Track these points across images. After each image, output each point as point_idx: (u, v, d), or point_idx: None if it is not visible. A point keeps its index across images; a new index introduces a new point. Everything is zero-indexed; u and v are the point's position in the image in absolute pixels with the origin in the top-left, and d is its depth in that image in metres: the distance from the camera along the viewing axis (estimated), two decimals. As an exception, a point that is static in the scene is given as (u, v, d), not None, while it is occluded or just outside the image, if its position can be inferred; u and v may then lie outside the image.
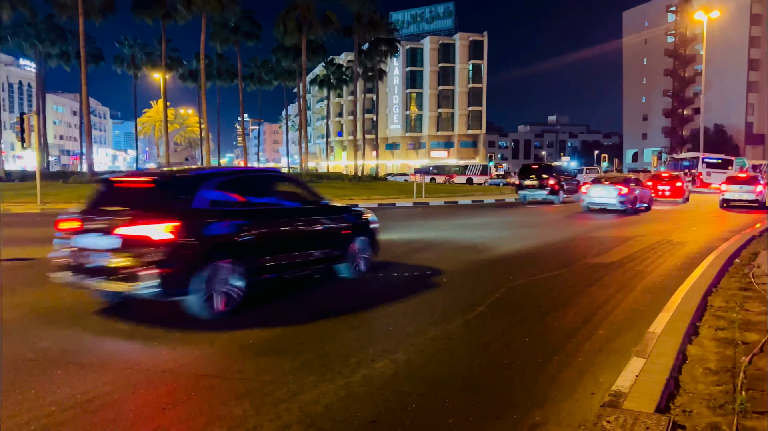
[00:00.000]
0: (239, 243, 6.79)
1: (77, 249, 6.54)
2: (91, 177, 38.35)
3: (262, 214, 7.43)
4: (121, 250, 6.15)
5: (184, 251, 6.21)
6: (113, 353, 5.41)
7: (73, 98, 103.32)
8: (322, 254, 8.18)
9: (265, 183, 8.15)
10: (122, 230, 6.15)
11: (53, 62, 53.08)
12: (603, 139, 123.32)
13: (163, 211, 6.28)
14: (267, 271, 7.21)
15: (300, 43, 48.83)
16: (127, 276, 6.10)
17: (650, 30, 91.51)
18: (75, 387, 4.47)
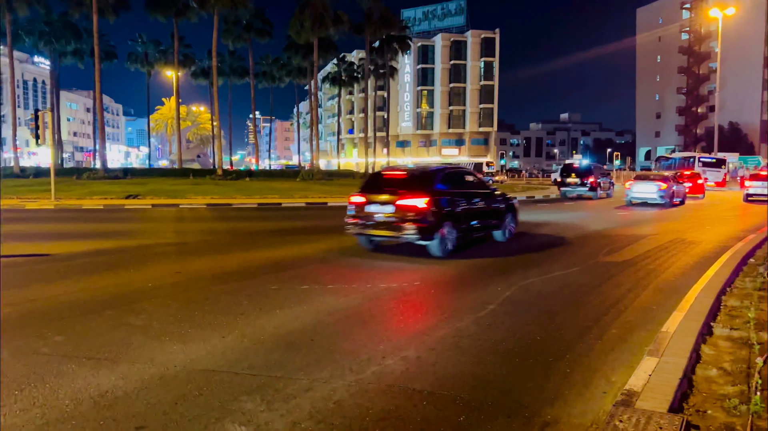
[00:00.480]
0: (456, 213, 11.01)
1: (365, 213, 10.95)
2: (104, 173, 38.71)
3: (465, 195, 11.70)
4: (394, 213, 10.52)
5: (431, 215, 10.37)
6: (125, 347, 5.44)
7: (87, 95, 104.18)
8: (491, 223, 12.50)
9: (461, 176, 12.23)
10: (399, 201, 10.49)
11: (67, 60, 53.59)
12: (616, 137, 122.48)
13: (420, 192, 10.54)
14: (466, 231, 11.49)
15: (312, 40, 48.88)
16: (397, 228, 10.52)
17: (664, 27, 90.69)
18: (88, 381, 4.51)
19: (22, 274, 8.94)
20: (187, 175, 42.40)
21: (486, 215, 12.26)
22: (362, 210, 11.00)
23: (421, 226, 10.27)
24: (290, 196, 27.32)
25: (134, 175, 43.11)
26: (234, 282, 8.68)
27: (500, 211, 12.75)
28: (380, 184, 11.41)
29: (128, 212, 21.12)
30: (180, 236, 14.66)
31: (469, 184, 12.30)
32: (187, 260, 10.64)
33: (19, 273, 9.01)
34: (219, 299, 7.55)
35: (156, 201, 24.23)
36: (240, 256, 11.01)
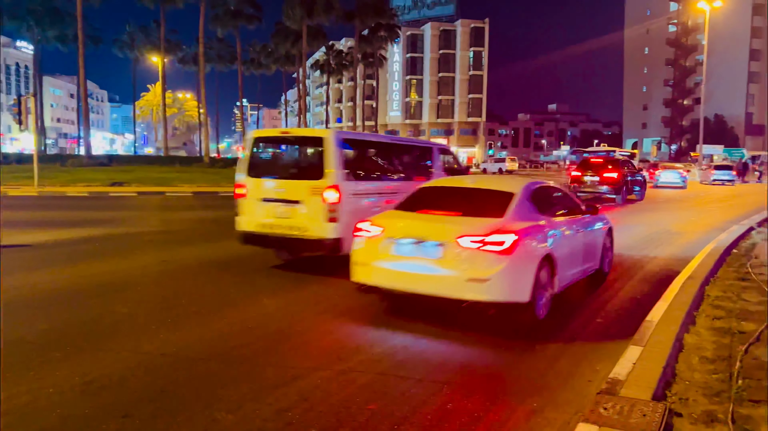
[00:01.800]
0: (628, 181, 22.45)
1: (582, 181, 22.29)
2: (88, 160, 38.25)
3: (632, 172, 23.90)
4: (601, 182, 21.72)
5: (620, 183, 21.62)
6: (112, 336, 5.41)
7: (71, 81, 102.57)
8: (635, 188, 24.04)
9: (631, 162, 26.47)
10: (605, 174, 21.72)
11: (50, 44, 52.66)
12: (603, 128, 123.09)
13: (617, 169, 21.82)
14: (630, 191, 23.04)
15: (301, 27, 48.51)
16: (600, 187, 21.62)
17: (652, 19, 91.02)
18: (74, 369, 4.48)
19: (6, 262, 8.84)
20: (174, 163, 42.04)
21: (635, 182, 23.30)
22: (580, 179, 22.23)
23: (614, 187, 21.39)
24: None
25: (119, 162, 42.67)
26: (221, 270, 8.65)
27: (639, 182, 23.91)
28: (589, 165, 22.77)
29: (114, 200, 20.92)
30: (166, 224, 14.56)
31: (633, 168, 24.04)
32: (173, 248, 10.58)
33: (3, 261, 8.91)
34: (206, 287, 7.53)
35: (142, 188, 24.01)
36: (227, 245, 10.93)
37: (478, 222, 5.77)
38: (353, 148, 9.28)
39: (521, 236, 5.58)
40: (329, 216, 7.94)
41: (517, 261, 5.52)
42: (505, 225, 5.68)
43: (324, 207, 7.94)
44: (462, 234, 5.54)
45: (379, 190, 9.05)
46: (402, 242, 5.85)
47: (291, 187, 8.31)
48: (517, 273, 5.56)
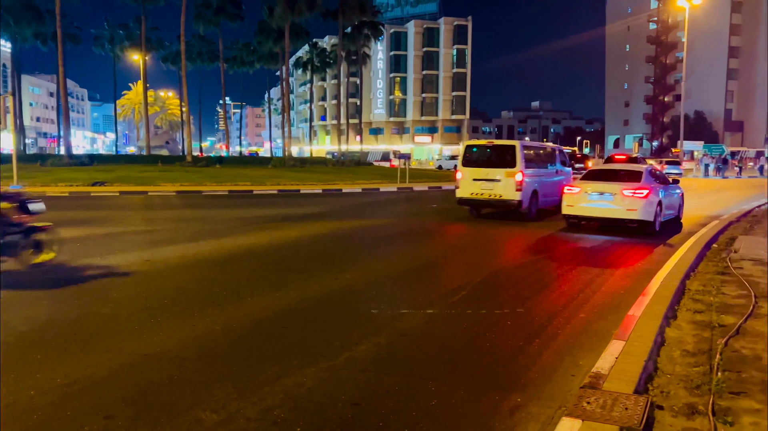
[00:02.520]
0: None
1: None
2: (69, 160, 37.73)
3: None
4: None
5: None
6: (94, 336, 5.35)
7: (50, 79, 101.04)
8: None
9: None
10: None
11: (29, 42, 51.76)
12: (585, 125, 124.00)
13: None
14: None
15: (284, 25, 48.22)
16: None
17: (633, 17, 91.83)
18: (55, 371, 4.43)
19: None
20: (156, 162, 41.59)
21: None
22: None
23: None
24: (262, 182, 27.05)
25: (101, 161, 42.13)
26: (205, 269, 8.60)
27: None
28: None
29: (95, 199, 20.67)
30: (149, 224, 14.43)
31: None
32: (156, 248, 10.48)
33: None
34: (189, 287, 7.48)
35: (124, 188, 23.75)
36: (211, 244, 10.88)
37: (629, 184, 12.37)
38: (526, 150, 15.25)
39: (649, 191, 12.18)
40: (516, 188, 14.45)
41: (648, 202, 12.07)
42: (642, 185, 12.29)
43: (514, 183, 14.46)
44: (623, 189, 12.24)
45: (537, 174, 15.38)
46: (592, 194, 12.66)
47: (493, 172, 14.84)
48: (649, 207, 12.11)
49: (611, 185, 12.51)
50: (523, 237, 12.24)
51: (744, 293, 6.75)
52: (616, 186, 12.37)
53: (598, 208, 12.52)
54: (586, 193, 12.69)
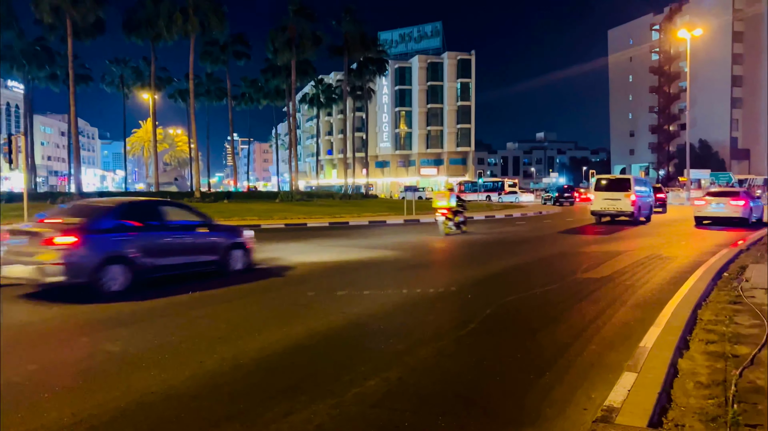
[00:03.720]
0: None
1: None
2: (78, 197, 38.12)
3: None
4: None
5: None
6: (100, 374, 5.33)
7: (62, 119, 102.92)
8: None
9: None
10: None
11: (42, 83, 52.91)
12: (591, 155, 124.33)
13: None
14: None
15: (290, 63, 49.13)
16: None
17: (635, 48, 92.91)
18: (63, 411, 4.40)
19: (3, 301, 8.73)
20: (164, 198, 41.97)
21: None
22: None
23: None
24: (269, 217, 27.17)
25: (110, 198, 42.55)
26: (212, 305, 8.59)
27: None
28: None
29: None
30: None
31: None
32: (164, 285, 10.48)
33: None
34: (197, 323, 7.46)
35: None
36: (217, 280, 10.88)
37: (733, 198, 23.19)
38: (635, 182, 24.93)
39: (746, 201, 22.86)
40: (631, 203, 23.79)
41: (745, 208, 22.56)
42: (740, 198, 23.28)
43: (629, 201, 23.81)
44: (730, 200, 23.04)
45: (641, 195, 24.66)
46: (712, 204, 23.24)
47: (616, 194, 24.16)
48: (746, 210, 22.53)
49: (723, 198, 23.17)
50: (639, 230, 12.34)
51: (757, 323, 6.66)
52: (726, 199, 23.05)
53: (716, 212, 22.84)
54: (709, 203, 23.20)
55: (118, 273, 9.01)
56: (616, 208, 24.17)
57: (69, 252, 8.49)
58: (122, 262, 9.10)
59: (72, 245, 8.58)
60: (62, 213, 10.12)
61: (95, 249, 8.86)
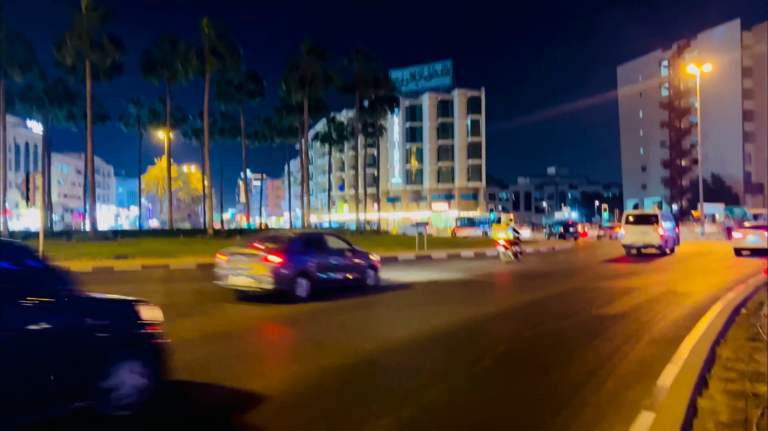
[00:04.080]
0: None
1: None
2: (93, 235, 38.55)
3: None
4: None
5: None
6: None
7: (78, 157, 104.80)
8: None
9: None
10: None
11: (60, 123, 54.08)
12: (603, 190, 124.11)
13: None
14: None
15: (302, 101, 49.95)
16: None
17: (644, 83, 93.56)
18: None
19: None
20: (178, 235, 42.26)
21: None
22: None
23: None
24: (281, 253, 27.19)
25: (124, 235, 42.94)
26: (223, 342, 8.56)
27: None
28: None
29: (117, 273, 20.90)
30: (169, 297, 14.48)
31: None
32: (176, 321, 10.46)
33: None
34: (208, 361, 7.42)
35: (146, 261, 24.02)
36: (229, 316, 10.87)
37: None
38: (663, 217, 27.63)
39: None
40: (659, 236, 26.29)
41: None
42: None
43: (658, 234, 26.30)
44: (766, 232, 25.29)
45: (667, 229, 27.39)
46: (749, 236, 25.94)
47: (645, 228, 26.60)
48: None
49: (758, 231, 25.83)
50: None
51: (777, 360, 6.51)
52: (761, 231, 25.43)
53: (754, 244, 25.06)
54: (747, 236, 25.83)
55: (303, 284, 12.24)
56: (645, 241, 26.57)
57: (277, 267, 11.85)
58: (306, 276, 12.37)
59: (279, 263, 11.95)
60: (264, 239, 13.72)
61: (292, 266, 12.16)
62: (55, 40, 40.19)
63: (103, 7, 40.10)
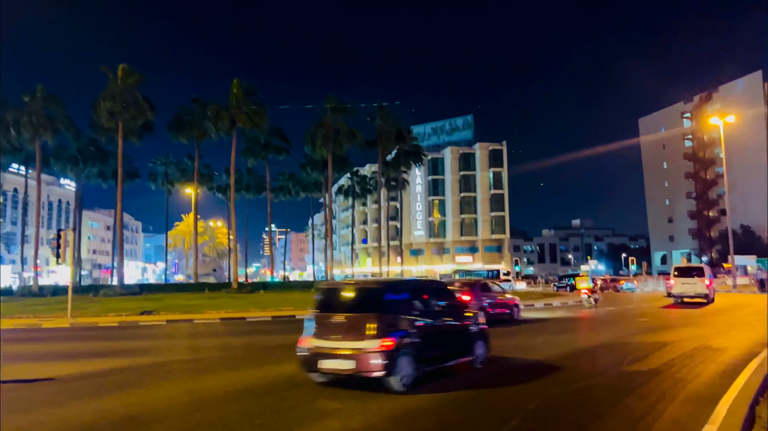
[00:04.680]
0: None
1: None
2: (120, 290, 39.03)
3: None
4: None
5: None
6: None
7: (108, 214, 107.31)
8: None
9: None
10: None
11: (92, 180, 55.78)
12: (629, 242, 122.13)
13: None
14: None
15: (326, 156, 50.88)
16: None
17: (667, 135, 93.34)
18: None
19: (31, 397, 8.79)
20: (203, 289, 42.56)
21: None
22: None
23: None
24: (304, 307, 27.06)
25: (150, 290, 43.37)
26: (247, 400, 8.48)
27: None
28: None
29: (143, 329, 21.02)
30: (193, 352, 14.49)
31: None
32: (199, 377, 10.45)
33: (28, 396, 8.87)
34: (232, 419, 7.35)
35: (171, 316, 24.16)
36: (253, 373, 10.81)
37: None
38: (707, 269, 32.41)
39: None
40: (706, 286, 29.11)
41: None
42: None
43: (704, 284, 29.14)
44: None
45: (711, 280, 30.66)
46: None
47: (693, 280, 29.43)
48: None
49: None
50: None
51: (822, 420, 6.21)
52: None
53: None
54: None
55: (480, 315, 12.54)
56: (694, 291, 29.25)
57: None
58: None
59: (470, 300, 17.14)
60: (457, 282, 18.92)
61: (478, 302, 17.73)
62: (91, 103, 41.91)
63: (137, 73, 41.90)
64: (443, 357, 9.75)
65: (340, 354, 8.52)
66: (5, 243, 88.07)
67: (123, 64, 41.48)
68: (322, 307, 9.26)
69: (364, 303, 8.99)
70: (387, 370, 8.29)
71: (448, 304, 10.57)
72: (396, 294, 9.40)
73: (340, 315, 9.00)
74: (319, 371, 8.86)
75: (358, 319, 8.67)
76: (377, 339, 8.33)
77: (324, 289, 9.76)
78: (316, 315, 9.18)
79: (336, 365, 8.62)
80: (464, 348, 10.35)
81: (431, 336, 9.32)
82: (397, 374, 8.39)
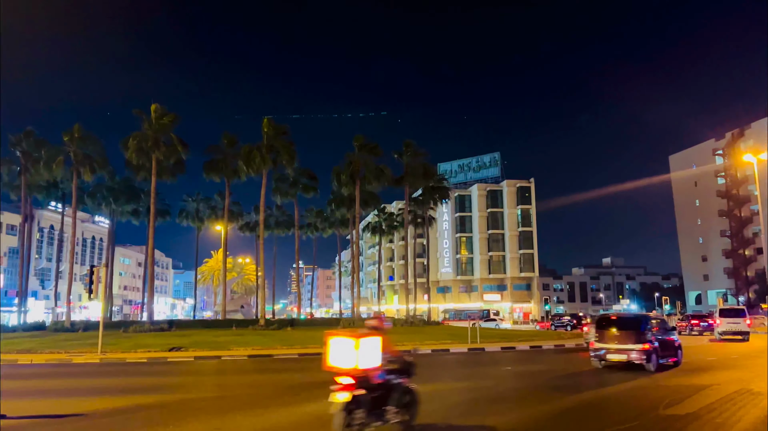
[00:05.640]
0: None
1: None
2: (150, 326, 39.34)
3: None
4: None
5: None
6: None
7: (139, 250, 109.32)
8: None
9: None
10: None
11: (124, 218, 57.05)
12: (662, 281, 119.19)
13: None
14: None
15: (354, 194, 51.23)
16: None
17: (699, 172, 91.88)
18: None
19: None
20: (230, 326, 42.68)
21: None
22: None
23: None
24: (331, 346, 26.96)
25: (179, 326, 43.62)
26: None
27: None
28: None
29: (171, 365, 21.12)
30: (221, 389, 14.48)
31: None
32: (227, 415, 10.42)
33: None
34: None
35: (199, 353, 24.25)
36: (280, 411, 10.73)
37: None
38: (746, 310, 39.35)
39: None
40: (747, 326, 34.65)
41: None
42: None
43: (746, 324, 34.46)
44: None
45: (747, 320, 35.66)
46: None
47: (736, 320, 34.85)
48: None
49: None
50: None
51: None
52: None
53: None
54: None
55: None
56: (736, 330, 33.99)
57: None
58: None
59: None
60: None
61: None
62: (124, 142, 43.06)
63: (171, 114, 43.13)
64: (666, 356, 17.86)
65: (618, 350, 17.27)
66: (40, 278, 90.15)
67: (156, 104, 42.70)
68: (598, 326, 18.37)
69: (629, 325, 18.01)
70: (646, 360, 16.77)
71: (664, 328, 18.68)
72: (645, 322, 17.78)
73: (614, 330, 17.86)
74: (607, 361, 17.46)
75: (628, 334, 17.39)
76: (640, 344, 16.86)
77: (600, 316, 19.85)
78: (597, 329, 18.20)
79: (617, 357, 17.17)
80: (674, 352, 18.61)
81: (662, 344, 17.58)
82: (650, 362, 16.74)
